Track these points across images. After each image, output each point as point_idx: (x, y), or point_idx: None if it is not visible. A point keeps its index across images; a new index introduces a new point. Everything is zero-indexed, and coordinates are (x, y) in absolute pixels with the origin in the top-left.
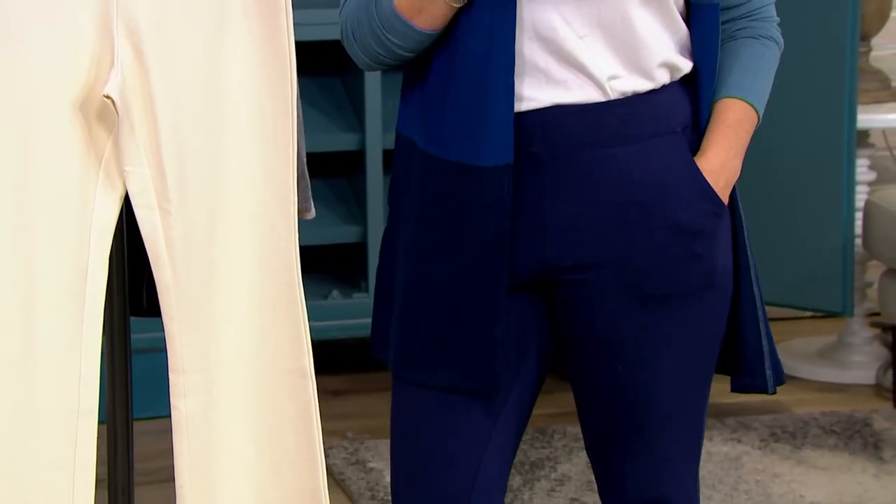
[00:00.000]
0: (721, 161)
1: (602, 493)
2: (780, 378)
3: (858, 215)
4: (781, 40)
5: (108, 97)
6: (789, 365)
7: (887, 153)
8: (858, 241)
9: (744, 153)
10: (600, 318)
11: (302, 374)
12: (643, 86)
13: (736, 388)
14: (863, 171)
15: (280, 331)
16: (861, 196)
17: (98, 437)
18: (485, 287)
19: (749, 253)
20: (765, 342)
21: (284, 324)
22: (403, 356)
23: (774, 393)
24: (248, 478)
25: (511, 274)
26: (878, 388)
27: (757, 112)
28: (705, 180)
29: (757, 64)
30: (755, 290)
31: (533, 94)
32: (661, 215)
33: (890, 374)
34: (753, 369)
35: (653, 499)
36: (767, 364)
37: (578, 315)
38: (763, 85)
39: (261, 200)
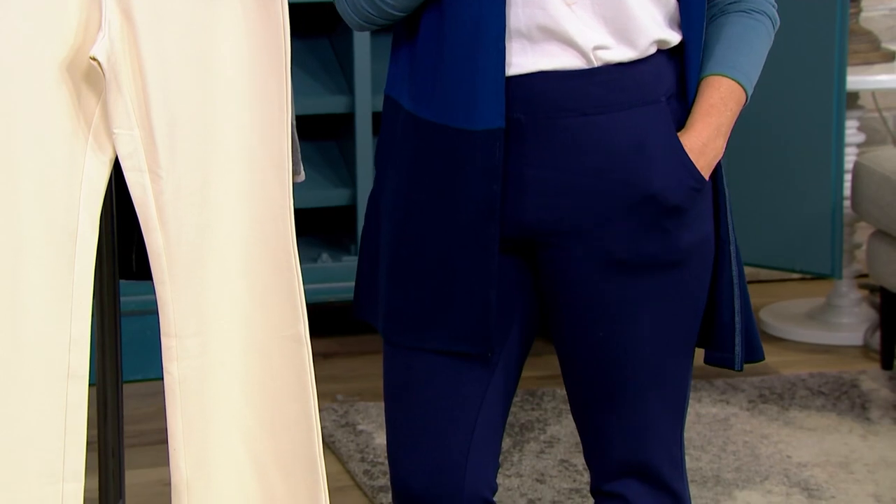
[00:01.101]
0: (703, 141)
1: (587, 457)
2: (755, 355)
3: (847, 177)
4: (776, 15)
5: (94, 59)
6: (777, 327)
7: (877, 115)
8: (847, 202)
9: (729, 132)
10: (579, 283)
11: (297, 340)
12: (629, 55)
13: (707, 361)
14: (852, 132)
15: (275, 297)
16: (850, 158)
17: (88, 400)
18: (477, 250)
19: (730, 229)
20: (738, 318)
21: (279, 290)
22: (395, 320)
23: (741, 370)
24: (244, 442)
25: None
26: (865, 350)
27: (744, 89)
28: (686, 154)
29: (745, 39)
30: (733, 266)
31: (517, 59)
32: (638, 184)
33: (878, 335)
34: (724, 344)
35: (637, 461)
36: (738, 340)
37: (559, 281)
38: (751, 61)
39: (254, 166)
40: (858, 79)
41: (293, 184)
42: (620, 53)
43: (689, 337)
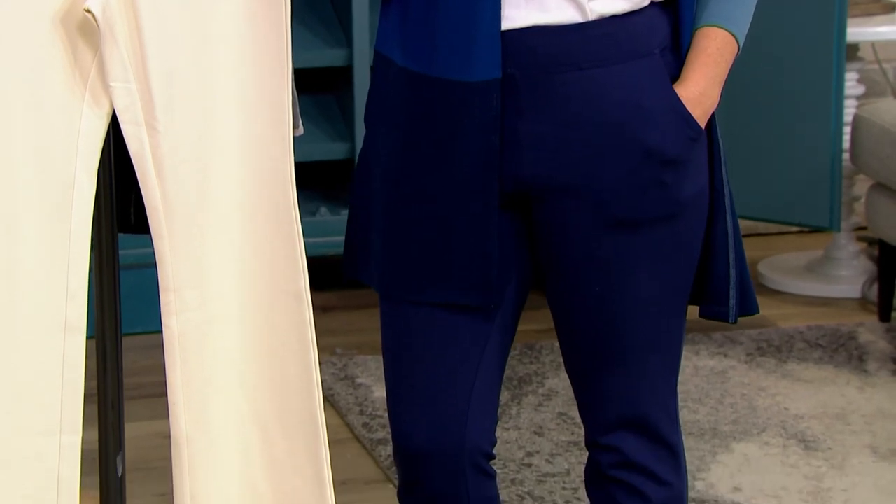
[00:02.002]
0: (700, 90)
1: (582, 411)
2: (749, 308)
3: (847, 129)
4: None
5: (88, 11)
6: (776, 279)
7: (877, 66)
8: (846, 155)
9: (723, 82)
10: (574, 239)
11: (297, 296)
12: (623, 7)
13: (702, 314)
14: (852, 84)
15: (275, 252)
16: (850, 110)
17: (87, 353)
18: (477, 201)
19: (725, 181)
20: (733, 272)
21: (279, 246)
22: (393, 275)
23: (735, 323)
24: (245, 397)
25: None
26: (863, 302)
27: (737, 41)
28: (682, 105)
29: None
30: (728, 218)
31: (510, 12)
32: (635, 138)
33: (875, 287)
34: (719, 297)
35: (633, 415)
36: (733, 293)
37: (553, 236)
38: (745, 13)
39: (254, 120)
40: (858, 30)
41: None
42: (615, 5)
43: (684, 290)
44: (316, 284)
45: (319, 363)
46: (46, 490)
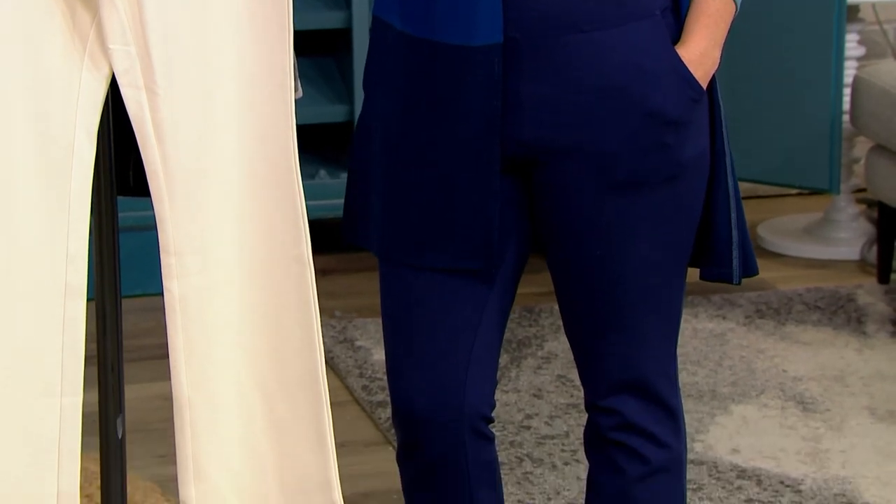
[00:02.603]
0: (701, 51)
1: (582, 374)
2: (750, 269)
3: (847, 91)
4: None
5: None
6: (775, 242)
7: (877, 27)
8: (846, 117)
9: (722, 44)
10: (575, 202)
11: (300, 261)
12: None
13: (704, 276)
14: (852, 45)
15: (277, 218)
16: (850, 72)
17: (87, 315)
18: (478, 166)
19: (725, 142)
20: (735, 232)
21: (281, 211)
22: (393, 239)
23: (739, 284)
24: (247, 361)
25: None
26: (862, 264)
27: (735, 2)
28: (684, 66)
29: None
30: (729, 179)
31: None
32: (637, 101)
33: (874, 249)
34: (721, 258)
35: (632, 379)
36: (736, 254)
37: (555, 200)
38: None
39: (255, 84)
40: None
41: None
42: None
43: (685, 252)
44: (315, 247)
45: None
46: (47, 452)
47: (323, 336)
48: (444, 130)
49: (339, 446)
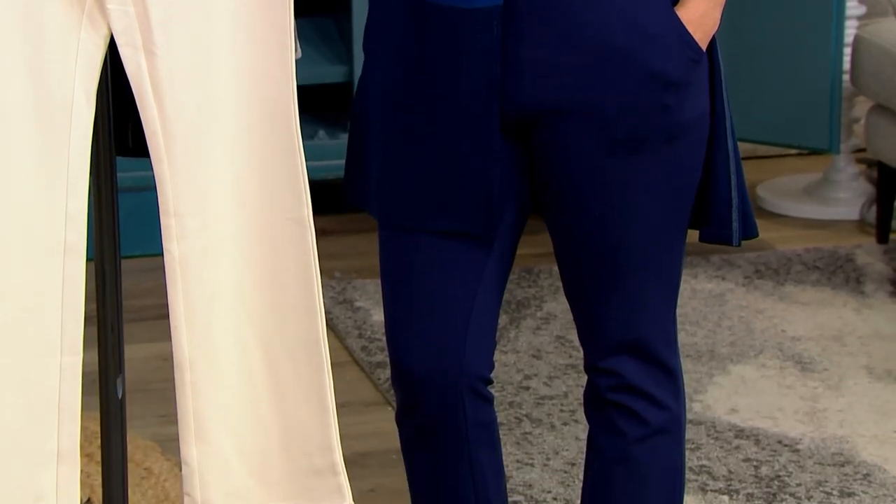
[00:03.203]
0: (701, 12)
1: (582, 336)
2: (750, 231)
3: (847, 50)
4: None
5: None
6: (774, 202)
7: None
8: (846, 76)
9: (723, 4)
10: (576, 164)
11: (301, 223)
12: None
13: (703, 238)
14: (853, 4)
15: (277, 179)
16: (850, 31)
17: (86, 275)
18: (478, 130)
19: (725, 104)
20: (735, 194)
21: (282, 172)
22: (393, 203)
23: (739, 246)
24: (250, 323)
25: None
26: (861, 224)
27: None
28: (684, 27)
29: None
30: (729, 141)
31: None
32: (637, 61)
33: (874, 209)
34: (721, 220)
35: (633, 339)
36: (735, 216)
37: (555, 162)
38: None
39: (255, 44)
40: None
41: None
42: None
43: (684, 214)
44: (314, 208)
45: None
46: (47, 411)
47: (322, 297)
48: (443, 94)
49: (339, 406)
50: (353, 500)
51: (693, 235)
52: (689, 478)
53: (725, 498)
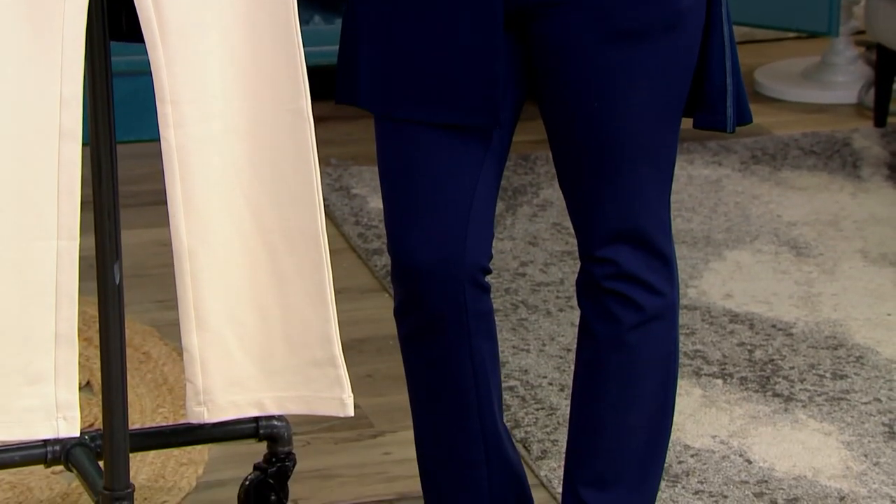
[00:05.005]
0: None
1: (576, 224)
2: (744, 117)
3: None
4: None
5: None
6: (772, 87)
7: None
8: None
9: None
10: (573, 53)
11: (300, 114)
12: None
13: (698, 125)
14: None
15: (276, 69)
16: None
17: (82, 160)
18: (482, 21)
19: None
20: (730, 80)
21: (280, 62)
22: (395, 94)
23: (733, 132)
24: (250, 212)
25: None
26: (859, 108)
27: None
28: None
29: None
30: (724, 26)
31: None
32: None
33: (872, 92)
34: (715, 107)
35: (627, 229)
36: (730, 103)
37: (556, 51)
38: None
39: None
40: None
41: None
42: None
43: (680, 101)
44: (310, 94)
45: None
46: (44, 295)
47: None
48: None
49: (336, 293)
50: (351, 386)
51: (688, 122)
52: (683, 362)
53: (719, 382)
